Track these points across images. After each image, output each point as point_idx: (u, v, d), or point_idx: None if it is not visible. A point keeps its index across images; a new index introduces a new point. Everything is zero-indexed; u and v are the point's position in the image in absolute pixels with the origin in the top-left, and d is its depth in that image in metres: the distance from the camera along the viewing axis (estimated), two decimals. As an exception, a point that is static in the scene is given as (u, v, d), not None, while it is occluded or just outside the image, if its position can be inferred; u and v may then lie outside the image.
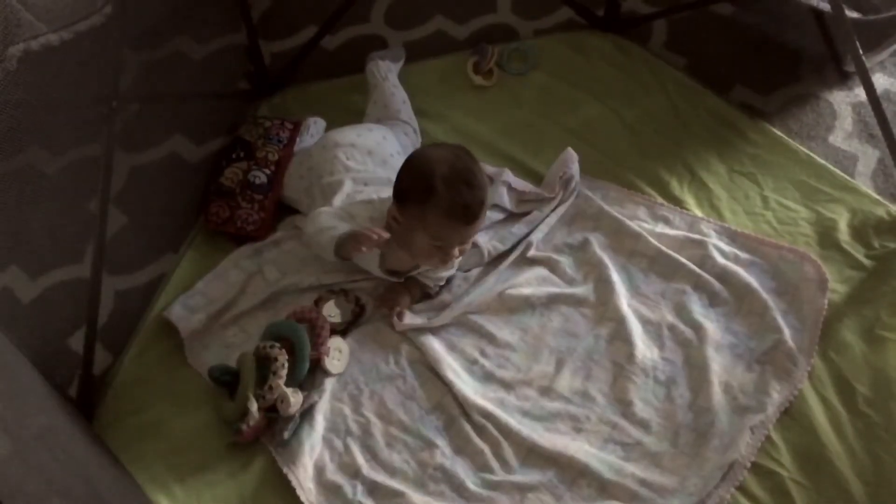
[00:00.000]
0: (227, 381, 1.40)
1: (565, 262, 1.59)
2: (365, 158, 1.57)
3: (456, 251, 1.40)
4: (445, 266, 1.48)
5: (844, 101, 1.83)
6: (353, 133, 1.60)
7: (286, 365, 1.37)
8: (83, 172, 1.51)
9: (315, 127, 1.75)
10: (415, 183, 1.35)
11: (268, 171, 1.64)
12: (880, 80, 1.85)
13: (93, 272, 1.40)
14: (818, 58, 1.83)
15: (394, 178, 1.43)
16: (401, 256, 1.46)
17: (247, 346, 1.46)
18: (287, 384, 1.37)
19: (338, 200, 1.51)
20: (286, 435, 1.35)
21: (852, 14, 1.66)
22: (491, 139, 1.75)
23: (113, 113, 1.37)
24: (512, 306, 1.53)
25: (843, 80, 1.84)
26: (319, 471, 1.35)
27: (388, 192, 1.45)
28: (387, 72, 1.77)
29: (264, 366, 1.38)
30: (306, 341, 1.40)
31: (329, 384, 1.43)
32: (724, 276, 1.54)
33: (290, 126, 1.72)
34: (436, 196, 1.33)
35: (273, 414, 1.37)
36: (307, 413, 1.39)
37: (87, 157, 1.54)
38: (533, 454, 1.36)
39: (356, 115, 1.78)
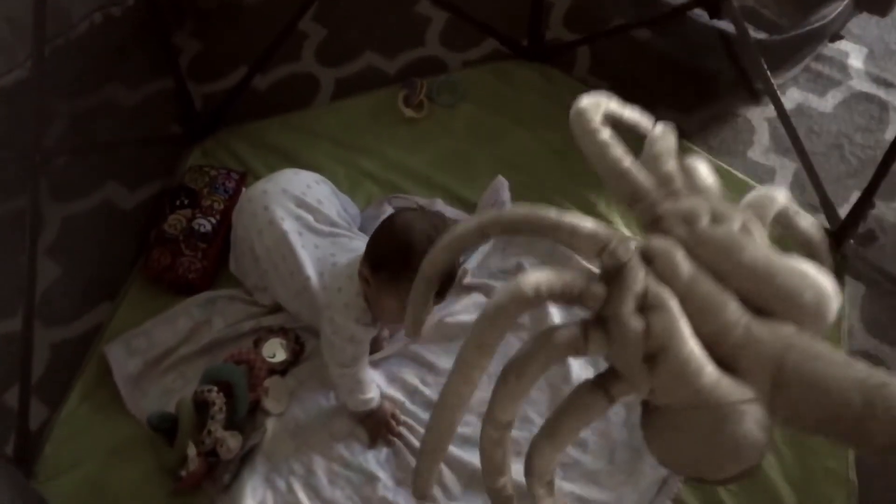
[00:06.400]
0: (166, 427, 1.39)
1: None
2: (280, 197, 1.54)
3: None
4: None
5: (761, 117, 1.90)
6: (265, 181, 1.58)
7: (224, 408, 1.37)
8: (12, 226, 1.51)
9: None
10: (392, 253, 1.33)
11: (213, 220, 1.64)
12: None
13: (24, 326, 1.39)
14: (733, 77, 1.90)
15: (326, 207, 1.50)
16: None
17: (186, 391, 1.45)
18: (227, 427, 1.38)
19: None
20: (227, 479, 1.35)
21: (759, 35, 1.73)
22: (423, 170, 1.78)
23: (36, 168, 1.36)
24: (450, 334, 1.55)
25: (757, 97, 1.92)
26: (263, 513, 1.35)
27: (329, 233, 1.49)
28: None
29: (202, 410, 1.38)
30: (244, 383, 1.40)
31: (270, 424, 1.44)
32: (652, 292, 1.58)
33: (237, 177, 1.72)
34: (412, 270, 1.27)
35: (213, 459, 1.37)
36: (248, 455, 1.40)
37: (16, 210, 1.53)
38: (475, 480, 1.38)
39: (288, 154, 1.79)
